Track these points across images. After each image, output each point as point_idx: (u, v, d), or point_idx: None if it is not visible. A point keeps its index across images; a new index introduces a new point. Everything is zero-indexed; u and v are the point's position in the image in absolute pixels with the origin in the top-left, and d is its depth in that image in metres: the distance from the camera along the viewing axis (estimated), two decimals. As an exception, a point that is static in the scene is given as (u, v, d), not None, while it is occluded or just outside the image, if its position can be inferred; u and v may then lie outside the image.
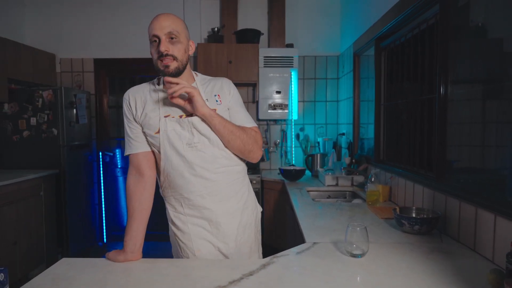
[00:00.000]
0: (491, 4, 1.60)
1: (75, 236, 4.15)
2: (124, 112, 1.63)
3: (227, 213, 1.64)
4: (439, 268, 1.43)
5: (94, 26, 4.61)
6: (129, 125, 1.62)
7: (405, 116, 2.61)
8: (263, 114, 4.32)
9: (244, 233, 1.70)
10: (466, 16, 1.77)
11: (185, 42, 1.54)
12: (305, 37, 4.59)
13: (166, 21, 1.48)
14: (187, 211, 1.63)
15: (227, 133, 1.55)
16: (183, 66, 1.54)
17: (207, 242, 1.62)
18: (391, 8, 2.65)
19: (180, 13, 4.50)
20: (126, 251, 1.51)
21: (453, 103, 1.87)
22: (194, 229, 1.62)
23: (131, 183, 1.59)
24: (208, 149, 1.57)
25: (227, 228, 1.64)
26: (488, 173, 1.62)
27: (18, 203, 3.41)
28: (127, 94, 1.63)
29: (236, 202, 1.67)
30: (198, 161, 1.56)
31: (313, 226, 2.04)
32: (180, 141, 1.55)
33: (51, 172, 3.87)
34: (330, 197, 3.26)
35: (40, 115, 3.97)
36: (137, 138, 1.60)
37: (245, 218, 1.71)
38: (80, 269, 1.42)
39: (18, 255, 3.38)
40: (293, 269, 1.42)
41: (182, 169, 1.57)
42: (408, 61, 2.55)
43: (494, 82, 1.58)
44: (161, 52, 1.47)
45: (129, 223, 1.55)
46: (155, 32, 1.47)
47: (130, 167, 1.62)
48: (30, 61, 4.11)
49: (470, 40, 1.75)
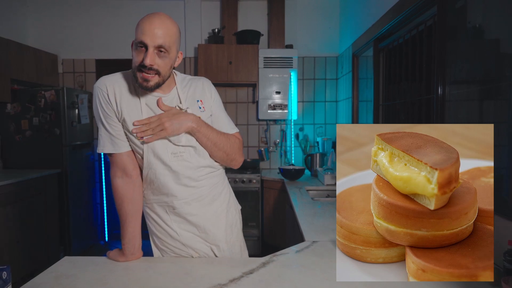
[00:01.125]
0: (488, 5, 1.60)
1: (77, 235, 4.16)
2: (101, 104, 1.43)
3: (213, 216, 1.58)
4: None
5: (95, 27, 4.61)
6: (108, 121, 1.44)
7: (403, 116, 2.61)
8: (263, 114, 4.32)
9: (232, 233, 1.66)
10: (464, 18, 1.77)
11: (173, 56, 1.39)
12: (305, 38, 4.59)
13: (160, 29, 1.31)
14: (173, 217, 1.54)
15: (210, 145, 1.49)
16: (163, 81, 1.41)
17: (201, 242, 1.57)
18: (389, 9, 2.65)
19: (181, 15, 4.50)
20: (126, 253, 1.48)
21: (451, 103, 1.87)
22: (184, 234, 1.55)
23: (120, 186, 1.47)
24: (193, 158, 1.49)
25: (216, 230, 1.58)
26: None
27: (21, 202, 3.41)
28: (103, 85, 1.43)
29: (220, 204, 1.61)
30: (183, 170, 1.48)
31: (312, 224, 2.04)
32: (166, 150, 1.45)
33: (54, 172, 3.87)
34: (329, 196, 3.26)
35: (42, 115, 3.97)
36: (120, 136, 1.45)
37: (230, 217, 1.66)
38: (82, 267, 1.42)
39: (21, 254, 3.38)
40: (292, 267, 1.42)
41: (167, 179, 1.48)
42: (406, 62, 2.56)
43: (491, 82, 1.58)
44: (145, 65, 1.32)
45: (124, 228, 1.48)
46: (144, 39, 1.30)
47: (114, 168, 1.49)
48: (33, 62, 4.12)
49: (467, 41, 1.75)
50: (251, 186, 3.89)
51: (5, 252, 3.18)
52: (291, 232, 3.01)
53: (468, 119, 1.75)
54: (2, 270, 1.15)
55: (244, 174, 4.01)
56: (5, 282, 1.16)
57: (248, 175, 3.99)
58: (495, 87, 1.54)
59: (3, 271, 1.15)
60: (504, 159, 1.44)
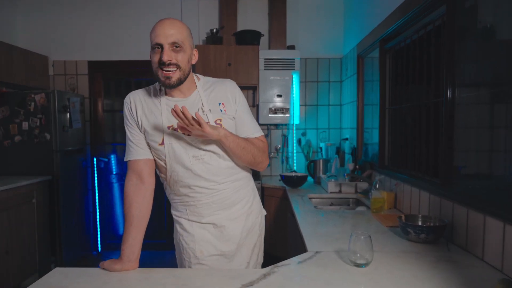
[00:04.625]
0: (499, 4, 1.61)
1: (68, 245, 4.14)
2: (126, 116, 1.65)
3: (232, 218, 1.71)
4: (445, 277, 1.43)
5: (88, 28, 4.62)
6: (130, 130, 1.64)
7: (411, 121, 2.61)
8: (263, 119, 4.32)
9: (247, 237, 1.77)
10: (474, 17, 1.78)
11: (189, 52, 1.54)
12: (307, 38, 4.60)
13: (171, 29, 1.47)
14: (192, 217, 1.69)
15: (240, 150, 1.60)
16: (185, 77, 1.55)
17: (210, 245, 1.69)
18: (396, 8, 2.66)
19: (178, 14, 4.51)
20: (123, 259, 1.51)
21: (461, 107, 1.88)
22: (199, 231, 1.69)
23: (131, 190, 1.60)
24: (214, 161, 1.62)
25: (232, 231, 1.71)
26: (496, 179, 1.62)
27: (10, 211, 3.41)
28: (128, 98, 1.65)
29: (241, 207, 1.74)
30: (204, 173, 1.61)
31: (315, 234, 2.04)
32: (186, 154, 1.59)
33: (44, 179, 3.87)
34: (333, 204, 3.25)
35: (32, 120, 3.97)
36: (139, 144, 1.63)
37: (250, 222, 1.78)
38: (74, 279, 1.42)
39: (10, 265, 3.37)
40: (294, 279, 1.42)
41: (188, 181, 1.62)
42: (413, 63, 2.56)
43: (503, 85, 1.58)
44: (164, 61, 1.47)
45: (127, 231, 1.56)
46: (158, 40, 1.47)
47: (130, 173, 1.64)
48: (22, 63, 4.13)
49: (477, 42, 1.76)
50: (251, 194, 3.88)
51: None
52: (293, 242, 3.01)
53: (478, 123, 1.75)
54: (-10, 282, 1.15)
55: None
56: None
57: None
58: (507, 90, 1.54)
59: (-9, 283, 1.15)
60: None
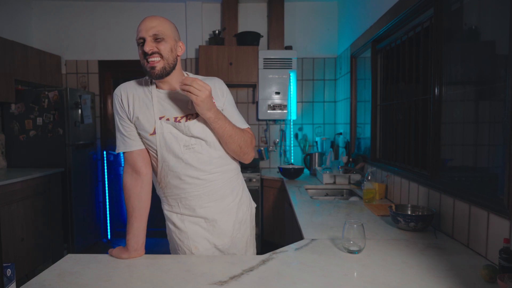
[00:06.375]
0: (484, 8, 1.60)
1: (80, 233, 4.15)
2: (116, 109, 1.57)
3: (223, 211, 1.63)
4: (433, 263, 1.43)
5: (98, 30, 4.61)
6: (121, 123, 1.56)
7: (401, 116, 2.61)
8: (262, 115, 4.32)
9: (240, 229, 1.70)
10: (460, 19, 1.77)
11: (171, 42, 1.48)
12: (304, 39, 4.59)
13: (152, 22, 1.45)
14: (184, 210, 1.61)
15: (226, 137, 1.53)
16: (169, 67, 1.48)
17: (204, 239, 1.61)
18: (387, 11, 2.65)
19: (182, 16, 4.50)
20: (129, 249, 1.50)
21: (447, 103, 1.88)
22: (191, 227, 1.60)
23: (128, 182, 1.55)
24: (205, 150, 1.55)
25: (223, 225, 1.63)
26: (480, 171, 1.62)
27: (25, 201, 3.41)
28: (118, 90, 1.57)
29: (231, 199, 1.66)
30: (195, 162, 1.53)
31: (311, 223, 2.04)
32: (177, 143, 1.52)
33: (57, 171, 3.87)
34: (328, 195, 3.26)
35: (46, 115, 3.97)
36: (131, 136, 1.56)
37: (241, 214, 1.70)
38: (85, 265, 1.42)
39: (25, 251, 3.38)
40: (292, 265, 1.42)
41: (179, 171, 1.54)
42: (403, 63, 2.55)
43: (487, 83, 1.58)
44: (146, 51, 1.43)
45: (130, 222, 1.53)
46: (141, 34, 1.44)
47: (126, 165, 1.58)
48: (37, 63, 4.11)
49: (463, 43, 1.75)
50: (251, 185, 3.88)
51: (9, 249, 3.17)
52: (290, 230, 3.01)
53: (464, 119, 1.75)
54: (7, 267, 1.15)
55: (244, 173, 4.00)
56: (10, 279, 1.16)
57: (248, 174, 3.99)
58: (490, 87, 1.54)
59: (8, 268, 1.15)
60: (499, 159, 1.44)
